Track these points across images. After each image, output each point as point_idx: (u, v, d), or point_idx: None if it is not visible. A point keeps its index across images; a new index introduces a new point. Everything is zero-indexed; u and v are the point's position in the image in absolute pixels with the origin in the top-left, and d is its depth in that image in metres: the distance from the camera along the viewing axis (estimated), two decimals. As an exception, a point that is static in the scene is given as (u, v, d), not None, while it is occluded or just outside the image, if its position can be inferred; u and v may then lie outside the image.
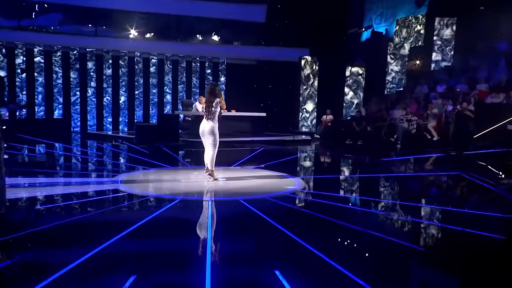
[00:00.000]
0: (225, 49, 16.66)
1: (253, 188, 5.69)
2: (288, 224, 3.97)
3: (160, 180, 6.22)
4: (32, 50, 14.29)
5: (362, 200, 5.49)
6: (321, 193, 5.54)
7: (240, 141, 11.61)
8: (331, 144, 12.60)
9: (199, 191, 5.50)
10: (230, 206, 4.84)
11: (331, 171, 8.09)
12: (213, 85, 6.11)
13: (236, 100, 13.83)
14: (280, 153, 10.19)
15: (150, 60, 15.94)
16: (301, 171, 8.01)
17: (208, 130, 5.99)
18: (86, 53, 15.04)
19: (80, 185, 5.70)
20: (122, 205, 4.59)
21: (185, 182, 6.13)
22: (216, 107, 5.98)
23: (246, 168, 7.55)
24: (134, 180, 6.17)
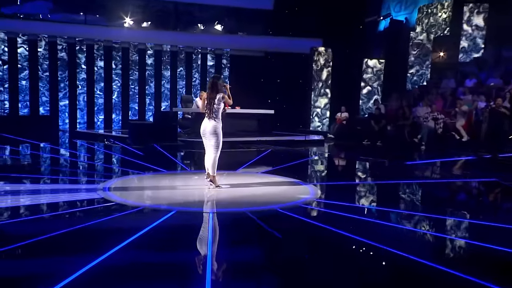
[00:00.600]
0: (229, 40, 16.40)
1: (260, 197, 5.40)
2: (302, 243, 3.63)
3: (154, 187, 5.92)
4: (15, 39, 14.06)
5: (386, 212, 5.13)
6: (339, 203, 5.19)
7: (245, 141, 11.35)
8: (346, 145, 12.35)
9: (198, 201, 5.19)
10: (235, 220, 4.54)
11: (348, 177, 7.75)
12: (214, 78, 5.79)
13: (240, 95, 13.39)
14: (290, 155, 9.92)
15: (146, 52, 15.73)
16: (315, 176, 7.70)
17: (210, 130, 5.67)
18: (75, 44, 14.80)
19: (61, 193, 5.40)
20: (106, 219, 4.26)
21: (183, 189, 5.83)
22: (218, 103, 5.66)
23: (252, 172, 7.23)
24: (125, 187, 5.87)
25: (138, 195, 5.51)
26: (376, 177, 7.77)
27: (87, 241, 3.68)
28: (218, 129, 5.70)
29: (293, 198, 5.43)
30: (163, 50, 15.88)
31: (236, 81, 15.70)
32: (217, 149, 5.75)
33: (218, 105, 5.68)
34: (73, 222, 4.17)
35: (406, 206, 5.52)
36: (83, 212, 4.57)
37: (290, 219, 4.46)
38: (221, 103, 5.69)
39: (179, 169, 7.76)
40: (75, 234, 3.79)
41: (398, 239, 3.99)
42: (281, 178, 6.66)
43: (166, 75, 16.01)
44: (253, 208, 4.78)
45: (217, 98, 5.66)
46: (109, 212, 4.51)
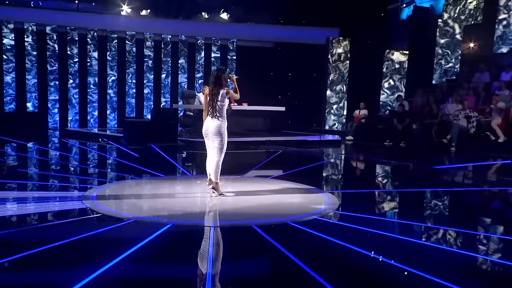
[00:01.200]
0: (236, 29, 16.32)
1: (270, 208, 5.10)
2: (318, 264, 3.30)
3: (148, 195, 5.63)
4: (0, 28, 13.90)
5: (414, 227, 4.78)
6: (360, 215, 4.85)
7: (253, 141, 11.16)
8: (366, 146, 12.11)
9: (198, 212, 4.89)
10: (239, 235, 4.24)
11: (369, 183, 7.40)
12: (219, 71, 5.48)
13: (248, 91, 13.58)
14: (303, 158, 9.68)
15: (145, 42, 15.55)
16: (332, 182, 7.36)
17: (213, 130, 5.37)
18: (66, 33, 14.64)
19: (41, 203, 5.12)
20: (88, 235, 3.96)
21: (181, 198, 5.54)
22: (222, 100, 5.35)
23: (261, 178, 6.91)
24: (115, 195, 5.59)
25: (129, 204, 5.22)
26: (402, 184, 7.43)
27: (60, 263, 3.38)
28: (223, 129, 5.40)
29: (306, 209, 5.12)
30: (163, 40, 15.72)
31: (243, 75, 15.24)
32: (221, 152, 5.45)
33: (222, 102, 5.37)
34: (48, 238, 3.87)
35: (436, 220, 5.16)
36: (62, 226, 4.27)
37: (304, 234, 4.17)
38: (226, 99, 5.38)
39: (178, 174, 7.46)
40: (47, 253, 3.49)
41: (428, 261, 3.64)
42: (292, 185, 6.36)
43: (167, 68, 15.79)
44: (260, 221, 4.48)
45: (221, 94, 5.35)
46: (93, 226, 4.22)
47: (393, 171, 8.65)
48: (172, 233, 4.13)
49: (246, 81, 15.59)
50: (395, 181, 7.73)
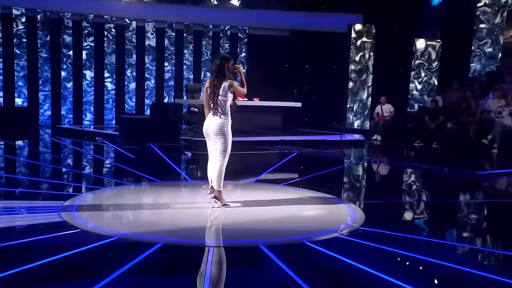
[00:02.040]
0: (247, 16, 16.01)
1: (281, 223, 4.66)
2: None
3: (138, 206, 5.20)
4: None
5: (457, 249, 4.28)
6: (391, 233, 4.36)
7: (264, 141, 10.82)
8: (393, 147, 11.82)
9: (195, 228, 4.45)
10: (243, 258, 3.82)
11: (400, 192, 6.88)
12: (222, 59, 5.01)
13: (260, 84, 13.79)
14: (322, 160, 9.29)
15: (146, 30, 15.27)
16: (355, 191, 6.87)
17: (214, 130, 4.95)
18: (59, 19, 14.38)
19: (11, 214, 4.71)
20: (59, 257, 3.52)
21: (177, 209, 5.09)
22: (225, 94, 4.89)
23: (272, 184, 6.43)
24: (100, 205, 5.17)
25: (114, 217, 4.79)
26: (438, 194, 6.90)
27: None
28: (225, 128, 4.95)
29: (326, 225, 4.64)
30: (167, 28, 15.46)
31: (255, 67, 15.69)
32: (224, 155, 5.02)
33: (225, 97, 4.92)
34: (5, 263, 3.43)
35: (484, 241, 4.64)
36: (27, 246, 3.82)
37: (322, 257, 3.74)
38: (229, 93, 4.92)
39: (177, 179, 7.02)
40: (4, 281, 3.07)
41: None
42: (309, 193, 5.91)
43: (170, 59, 15.51)
44: (270, 240, 4.05)
45: (223, 87, 4.89)
46: (66, 246, 3.78)
47: (427, 177, 8.17)
48: (161, 254, 3.71)
49: (258, 73, 15.66)
50: (430, 190, 7.20)
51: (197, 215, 4.82)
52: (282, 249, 3.84)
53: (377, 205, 5.78)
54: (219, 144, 5.00)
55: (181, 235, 4.15)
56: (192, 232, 4.29)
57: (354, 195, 6.47)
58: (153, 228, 4.30)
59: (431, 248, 4.21)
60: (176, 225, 4.45)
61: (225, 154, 5.03)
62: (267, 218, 4.76)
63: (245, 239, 4.15)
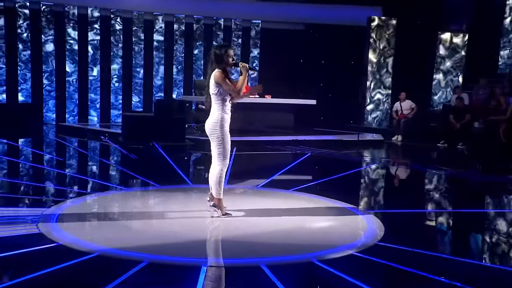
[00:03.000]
0: (260, 8, 15.63)
1: (288, 236, 4.17)
2: None
3: (127, 216, 4.69)
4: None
5: (495, 271, 3.72)
6: (416, 251, 3.82)
7: (276, 141, 10.36)
8: (414, 147, 11.37)
9: (187, 243, 3.95)
10: (241, 281, 3.29)
11: (422, 200, 6.29)
12: (217, 48, 4.51)
13: (273, 81, 13.50)
14: (337, 163, 8.79)
15: (154, 23, 15.00)
16: (374, 199, 6.27)
17: (207, 128, 4.53)
18: (63, 12, 14.10)
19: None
20: (27, 278, 3.07)
21: (170, 219, 4.62)
22: (214, 87, 4.41)
23: (280, 190, 5.94)
24: (84, 214, 4.69)
25: (99, 229, 4.30)
26: (466, 202, 6.28)
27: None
28: (218, 126, 4.43)
29: (339, 240, 4.11)
30: (176, 21, 15.14)
31: (268, 63, 15.52)
32: (223, 159, 4.52)
33: (213, 89, 4.41)
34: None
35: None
36: None
37: (335, 280, 3.24)
38: (217, 87, 4.39)
39: (176, 182, 6.54)
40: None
41: None
42: (321, 201, 5.38)
43: (179, 54, 15.16)
44: (273, 258, 3.56)
45: (211, 81, 4.42)
46: (38, 263, 3.32)
47: (453, 183, 7.58)
48: (144, 275, 3.22)
49: (271, 69, 15.31)
50: (458, 198, 6.60)
51: (192, 226, 4.33)
52: (286, 270, 3.36)
53: (398, 216, 5.23)
54: (215, 145, 4.53)
55: (169, 252, 3.66)
56: (183, 247, 3.80)
57: (372, 204, 5.91)
58: (140, 242, 3.82)
59: (459, 269, 3.65)
60: (165, 238, 3.96)
61: (223, 158, 4.52)
62: (272, 231, 4.26)
63: (245, 256, 3.66)
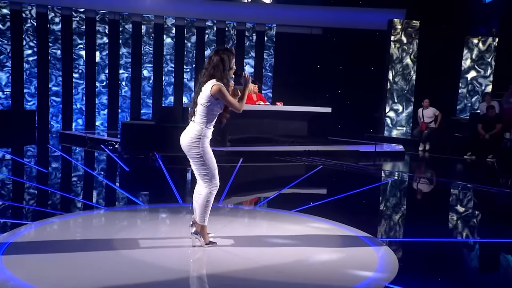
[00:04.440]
0: (275, 11, 15.17)
1: (281, 273, 3.39)
2: None
3: (92, 244, 3.89)
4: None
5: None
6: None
7: (286, 151, 9.64)
8: (439, 159, 10.62)
9: (160, 281, 3.18)
10: None
11: (446, 225, 5.42)
12: (219, 52, 3.75)
13: (287, 87, 13.33)
14: (351, 177, 7.95)
15: (164, 27, 14.61)
16: (389, 224, 5.40)
17: (183, 144, 3.75)
18: (71, 16, 13.80)
19: None
20: None
21: (142, 248, 3.84)
22: (206, 99, 3.66)
23: (281, 211, 5.16)
24: (42, 243, 3.91)
25: (53, 264, 3.48)
26: (500, 227, 5.37)
27: None
28: (195, 145, 3.68)
29: (341, 279, 3.33)
30: (187, 25, 14.74)
31: (283, 68, 15.15)
32: (209, 180, 3.77)
33: (205, 103, 3.66)
34: None
35: None
36: None
37: None
38: (212, 100, 3.65)
39: (166, 200, 5.82)
40: None
41: None
42: (327, 225, 4.59)
43: (191, 58, 14.84)
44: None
45: (205, 88, 3.67)
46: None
47: (484, 201, 6.66)
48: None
49: (286, 75, 14.79)
50: (490, 222, 5.71)
51: (167, 258, 3.59)
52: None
53: (417, 246, 4.39)
54: (196, 166, 3.77)
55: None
56: (154, 286, 3.06)
57: (387, 230, 5.05)
58: (98, 282, 3.09)
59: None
60: (132, 275, 3.23)
61: (211, 179, 3.76)
62: (265, 266, 3.49)
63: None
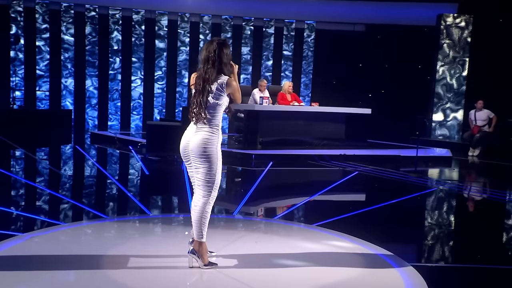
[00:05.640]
0: (315, 7, 14.61)
1: None
2: None
3: (76, 262, 3.44)
4: (33, 8, 13.22)
5: None
6: None
7: (320, 155, 8.96)
8: (492, 166, 9.68)
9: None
10: None
11: (489, 246, 4.65)
12: (218, 43, 3.34)
13: (327, 87, 13.09)
14: (387, 185, 7.12)
15: (200, 25, 14.37)
16: (427, 243, 4.66)
17: (195, 149, 3.32)
18: (108, 15, 13.77)
19: None
20: None
21: (132, 268, 3.36)
22: (218, 95, 3.29)
23: (300, 225, 4.58)
24: (26, 258, 3.51)
25: (30, 284, 3.08)
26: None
27: None
28: (212, 148, 3.31)
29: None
30: (224, 22, 14.44)
31: (323, 67, 14.71)
32: (210, 189, 3.34)
33: (217, 99, 3.28)
34: None
35: None
36: None
37: None
38: (223, 95, 3.30)
39: (179, 209, 5.37)
40: None
41: None
42: (351, 244, 3.98)
43: None
44: None
45: (217, 84, 3.28)
46: None
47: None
48: None
49: (326, 75, 14.24)
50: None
51: (156, 283, 3.10)
52: None
53: (452, 272, 3.71)
54: (201, 171, 3.33)
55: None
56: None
57: (418, 250, 4.34)
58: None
59: None
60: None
61: (212, 188, 3.33)
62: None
63: None
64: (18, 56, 13.04)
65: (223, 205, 5.42)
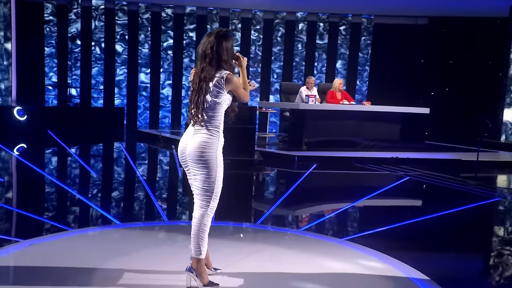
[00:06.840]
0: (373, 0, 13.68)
1: None
2: None
3: (65, 276, 3.15)
4: (89, 8, 13.42)
5: None
6: None
7: (369, 158, 8.41)
8: None
9: None
10: None
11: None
12: (216, 35, 2.95)
13: (386, 84, 12.46)
14: (443, 192, 6.40)
15: (252, 20, 14.05)
16: (475, 268, 3.98)
17: (192, 153, 2.97)
18: (160, 13, 13.77)
19: None
20: None
21: (124, 286, 3.01)
22: (217, 93, 2.93)
23: (327, 238, 4.09)
24: (22, 268, 3.32)
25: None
26: None
27: None
28: (208, 152, 2.95)
29: None
30: (276, 17, 14.07)
31: (381, 64, 14.11)
32: (208, 199, 2.98)
33: (216, 97, 2.92)
34: None
35: None
36: None
37: None
38: (223, 92, 2.92)
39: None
40: None
41: None
42: (381, 264, 3.42)
43: (278, 52, 14.14)
44: None
45: (215, 81, 2.91)
46: None
47: None
48: None
49: (382, 72, 13.53)
50: None
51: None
52: None
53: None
54: (200, 178, 2.96)
55: None
56: None
57: (461, 277, 3.61)
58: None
59: None
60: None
61: (210, 197, 2.96)
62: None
63: None
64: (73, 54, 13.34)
65: (247, 213, 5.02)
